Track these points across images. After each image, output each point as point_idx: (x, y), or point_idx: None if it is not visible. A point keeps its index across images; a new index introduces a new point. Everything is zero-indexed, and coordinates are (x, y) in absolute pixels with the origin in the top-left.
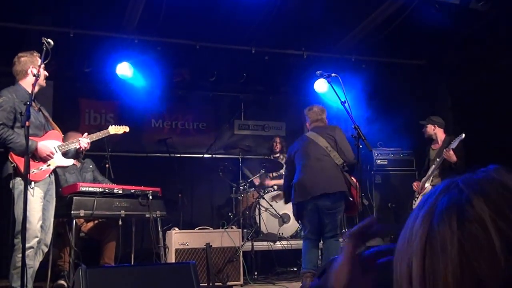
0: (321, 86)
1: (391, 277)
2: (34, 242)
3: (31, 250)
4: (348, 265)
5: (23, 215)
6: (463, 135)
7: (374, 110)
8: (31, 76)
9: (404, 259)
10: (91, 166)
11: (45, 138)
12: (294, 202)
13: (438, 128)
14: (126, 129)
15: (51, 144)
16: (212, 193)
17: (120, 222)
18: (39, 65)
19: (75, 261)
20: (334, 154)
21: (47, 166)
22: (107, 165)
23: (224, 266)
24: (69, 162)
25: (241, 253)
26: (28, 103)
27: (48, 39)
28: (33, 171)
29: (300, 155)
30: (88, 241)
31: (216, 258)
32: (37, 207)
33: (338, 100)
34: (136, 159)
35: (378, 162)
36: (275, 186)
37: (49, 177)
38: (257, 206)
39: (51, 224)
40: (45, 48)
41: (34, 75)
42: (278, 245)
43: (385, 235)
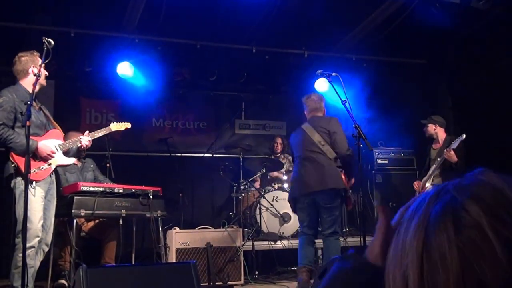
0: (321, 85)
1: None
2: (35, 241)
3: (32, 249)
4: (382, 235)
5: (23, 214)
6: (463, 136)
7: (374, 109)
8: (31, 76)
9: (398, 270)
10: (91, 166)
11: (45, 137)
12: (292, 196)
13: (439, 128)
14: (128, 125)
15: (51, 143)
16: (213, 192)
17: (120, 222)
18: (39, 65)
19: (76, 261)
20: (327, 149)
21: (48, 165)
22: (108, 165)
23: (225, 265)
24: (70, 160)
25: (242, 252)
26: (28, 102)
27: (49, 39)
28: (34, 171)
29: (296, 149)
30: (89, 241)
31: (217, 258)
32: (38, 207)
33: (339, 100)
34: (136, 158)
35: (379, 161)
36: (275, 186)
37: (50, 176)
38: (258, 205)
39: (52, 223)
40: (45, 48)
41: (35, 75)
42: (279, 244)
43: None
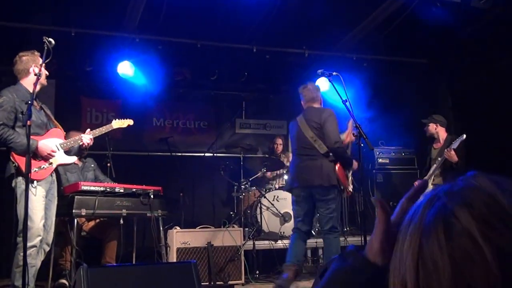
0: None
1: None
2: (36, 241)
3: (33, 249)
4: (381, 232)
5: (24, 214)
6: (464, 136)
7: (375, 109)
8: (32, 75)
9: (397, 276)
10: (92, 165)
11: (46, 136)
12: (289, 187)
13: (440, 127)
14: (131, 122)
15: (52, 143)
16: (214, 192)
17: (121, 221)
18: (40, 64)
19: (77, 260)
20: (319, 144)
21: (49, 164)
22: (109, 164)
23: (226, 265)
24: (71, 159)
25: (243, 252)
26: (29, 102)
27: (49, 38)
28: (35, 170)
29: (293, 142)
30: (90, 240)
31: (218, 257)
32: (39, 206)
33: (340, 99)
34: (137, 158)
35: (380, 161)
36: (276, 185)
37: (51, 176)
38: (259, 205)
39: (53, 223)
40: (46, 47)
41: (35, 74)
42: (280, 244)
43: None
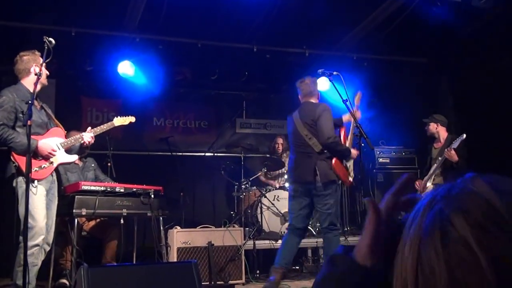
0: (322, 84)
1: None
2: (40, 239)
3: (36, 248)
4: (370, 234)
5: (25, 213)
6: (464, 136)
7: (375, 108)
8: (33, 75)
9: (399, 279)
10: (93, 165)
11: (47, 136)
12: (290, 182)
13: (441, 127)
14: (132, 119)
15: (52, 142)
16: (214, 191)
17: (122, 221)
18: (41, 64)
19: (77, 260)
20: (313, 142)
21: (50, 163)
22: (109, 164)
23: (226, 264)
24: (72, 158)
25: (243, 251)
26: (29, 102)
27: (50, 38)
28: (35, 170)
29: (290, 138)
30: (90, 240)
31: (218, 257)
32: (41, 205)
33: (340, 99)
34: (137, 157)
35: (380, 160)
36: (276, 185)
37: (52, 175)
38: (259, 204)
39: (53, 222)
40: (46, 47)
41: (36, 74)
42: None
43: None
